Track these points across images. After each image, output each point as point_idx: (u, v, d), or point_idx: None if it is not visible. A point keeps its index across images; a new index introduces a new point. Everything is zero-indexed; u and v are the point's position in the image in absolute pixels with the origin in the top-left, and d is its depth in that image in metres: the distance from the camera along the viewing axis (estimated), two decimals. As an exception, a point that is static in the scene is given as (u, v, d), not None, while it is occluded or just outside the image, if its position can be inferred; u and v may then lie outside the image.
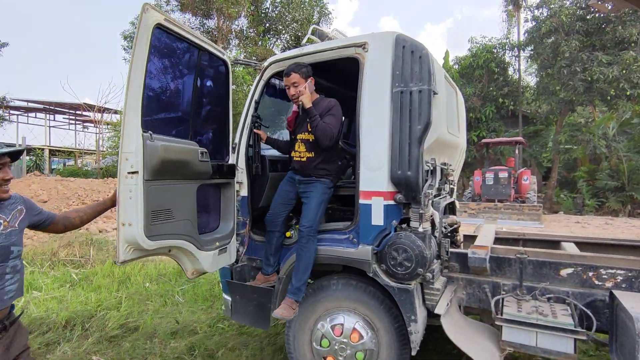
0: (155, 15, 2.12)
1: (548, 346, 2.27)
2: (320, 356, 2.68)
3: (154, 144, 2.14)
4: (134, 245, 2.10)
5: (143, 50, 2.09)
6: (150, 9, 2.07)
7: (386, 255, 2.43)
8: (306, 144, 2.70)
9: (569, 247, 3.09)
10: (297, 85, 2.61)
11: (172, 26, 2.26)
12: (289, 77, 2.61)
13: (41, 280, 5.43)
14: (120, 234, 2.06)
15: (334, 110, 2.63)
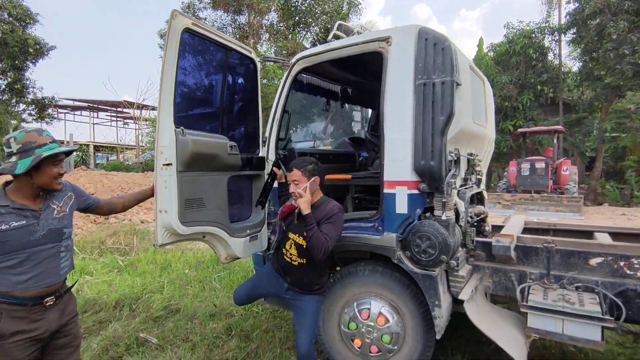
0: (183, 21, 2.28)
1: (575, 334, 2.28)
2: (348, 338, 2.80)
3: (185, 138, 2.32)
4: (170, 230, 2.30)
5: (173, 54, 2.26)
6: (178, 15, 2.24)
7: (410, 242, 2.51)
8: (299, 249, 2.44)
9: (602, 237, 3.03)
10: (297, 184, 2.38)
11: (200, 29, 2.43)
12: (291, 174, 2.42)
13: (92, 266, 5.89)
14: (158, 220, 2.27)
15: (335, 219, 2.36)
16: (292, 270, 2.50)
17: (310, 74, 3.56)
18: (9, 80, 21.38)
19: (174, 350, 3.17)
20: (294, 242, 2.45)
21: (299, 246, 2.42)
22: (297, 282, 2.51)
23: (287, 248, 2.49)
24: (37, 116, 23.86)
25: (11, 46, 20.29)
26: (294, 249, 2.45)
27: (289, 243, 2.48)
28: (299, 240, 2.42)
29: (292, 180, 2.40)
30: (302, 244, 2.39)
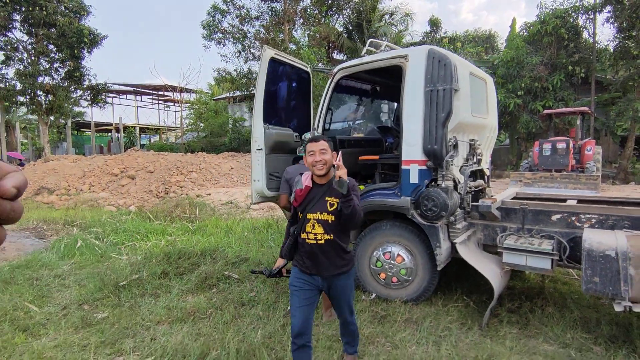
0: (270, 52, 3.40)
1: (533, 264, 3.29)
2: (376, 273, 3.94)
3: (270, 131, 3.48)
4: (260, 193, 3.50)
5: (263, 75, 3.40)
6: (267, 48, 3.36)
7: (420, 203, 3.57)
8: (324, 225, 2.29)
9: (570, 202, 3.96)
10: (325, 152, 2.27)
11: (279, 56, 3.54)
12: (318, 143, 2.28)
13: (169, 229, 7.34)
14: (253, 186, 3.47)
15: (357, 188, 2.39)
16: (320, 251, 2.31)
17: (348, 79, 4.59)
18: (68, 68, 23.46)
19: (252, 282, 4.44)
20: (317, 220, 2.29)
21: (324, 222, 2.29)
22: (328, 263, 2.33)
23: (309, 230, 2.31)
24: (92, 101, 26.09)
25: (69, 37, 22.22)
26: (319, 226, 2.29)
27: (309, 225, 2.31)
28: (323, 217, 2.29)
29: (320, 150, 2.26)
30: (328, 219, 2.28)
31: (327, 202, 2.31)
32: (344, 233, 2.40)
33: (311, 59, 16.54)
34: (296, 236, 2.40)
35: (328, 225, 2.31)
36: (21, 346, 3.06)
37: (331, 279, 2.38)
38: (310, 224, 2.33)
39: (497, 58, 17.97)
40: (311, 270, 2.37)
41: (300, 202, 2.38)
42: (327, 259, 2.34)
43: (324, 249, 2.32)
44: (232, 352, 2.79)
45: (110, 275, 4.57)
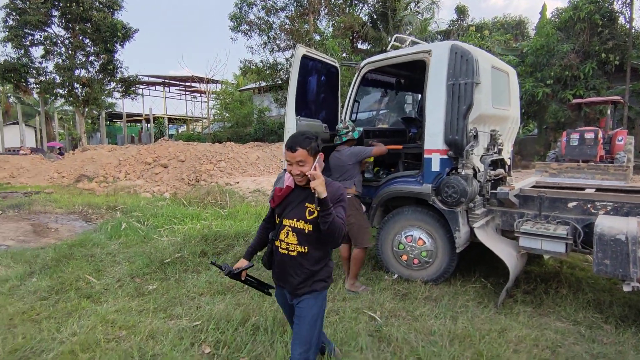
0: (302, 50, 3.69)
1: (548, 248, 3.50)
2: (398, 255, 4.23)
3: (301, 122, 3.80)
4: (292, 180, 3.82)
5: (295, 71, 3.70)
6: (300, 46, 3.65)
7: (440, 190, 3.81)
8: (300, 234, 2.01)
9: (589, 190, 4.09)
10: (302, 165, 1.94)
11: (310, 54, 3.83)
12: (294, 154, 1.94)
13: (202, 214, 7.83)
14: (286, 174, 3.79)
15: (344, 200, 2.01)
16: (289, 264, 2.04)
17: (374, 73, 4.82)
18: (103, 61, 24.49)
19: (281, 261, 4.81)
20: (292, 228, 2.01)
21: (300, 231, 2.00)
22: (295, 279, 2.04)
23: (282, 238, 2.04)
24: (124, 92, 27.15)
25: (104, 31, 23.16)
26: (293, 236, 2.01)
27: (284, 232, 2.04)
28: (300, 225, 1.99)
29: (297, 162, 1.94)
30: (304, 229, 1.98)
31: (307, 209, 1.96)
32: (322, 246, 2.03)
33: (335, 49, 16.69)
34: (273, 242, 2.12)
35: (304, 235, 2.00)
36: (87, 310, 3.54)
37: (298, 297, 2.07)
38: (285, 231, 2.03)
39: (526, 46, 17.56)
40: (279, 281, 2.14)
41: (277, 203, 2.09)
42: (295, 274, 2.03)
43: (294, 262, 2.02)
44: (270, 319, 3.16)
45: (156, 254, 5.05)
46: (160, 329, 3.14)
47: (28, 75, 23.08)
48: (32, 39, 22.68)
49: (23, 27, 21.80)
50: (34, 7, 21.43)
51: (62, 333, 3.08)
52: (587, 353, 2.81)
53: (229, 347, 2.84)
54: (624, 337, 3.00)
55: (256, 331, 3.04)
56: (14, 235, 6.58)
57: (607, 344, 2.93)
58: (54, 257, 4.94)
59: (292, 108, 3.72)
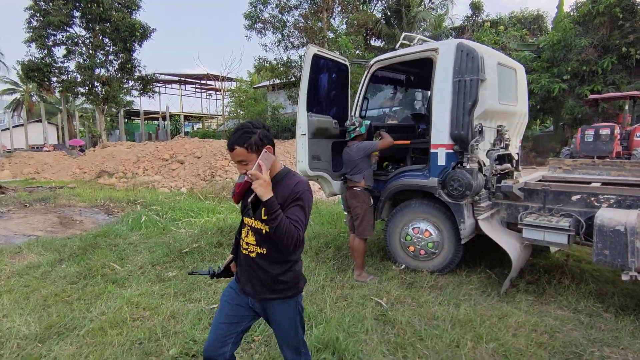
0: (313, 49, 3.87)
1: (551, 239, 3.61)
2: (405, 246, 4.38)
3: (312, 119, 3.98)
4: (303, 172, 4.02)
5: (307, 70, 3.88)
6: (311, 46, 3.83)
7: (446, 183, 3.95)
8: (257, 235, 1.84)
9: (595, 184, 4.16)
10: (246, 164, 1.73)
11: (321, 53, 4.01)
12: (233, 153, 1.75)
13: (218, 208, 8.11)
14: (297, 166, 4.00)
15: (303, 199, 1.77)
16: (250, 266, 1.89)
17: (383, 70, 4.96)
18: (122, 60, 25.11)
19: (293, 252, 5.02)
20: (251, 227, 1.86)
21: (257, 231, 1.83)
22: (257, 283, 1.87)
23: (244, 237, 1.90)
24: (142, 91, 27.79)
25: (122, 31, 23.74)
26: (251, 236, 1.86)
27: (244, 231, 1.90)
28: (257, 225, 1.82)
29: (237, 162, 1.75)
30: (261, 229, 1.81)
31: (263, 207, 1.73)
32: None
33: (348, 46, 16.79)
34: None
35: (261, 236, 1.82)
36: (113, 293, 3.81)
37: (264, 302, 1.89)
38: (245, 230, 1.90)
39: (543, 41, 17.32)
40: (240, 281, 1.96)
41: (237, 200, 1.91)
42: (257, 277, 1.87)
43: (254, 263, 1.86)
44: (281, 302, 3.37)
45: (174, 244, 5.32)
46: (181, 310, 3.38)
47: (51, 74, 23.84)
48: (55, 39, 23.41)
49: (46, 27, 22.53)
50: (57, 8, 22.14)
51: (91, 312, 3.36)
52: (584, 338, 2.93)
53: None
54: (622, 324, 3.11)
55: (269, 313, 3.25)
56: (43, 227, 6.97)
57: (604, 330, 3.04)
58: (80, 246, 5.27)
59: (304, 105, 3.91)
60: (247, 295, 1.92)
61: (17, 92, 40.40)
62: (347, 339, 2.81)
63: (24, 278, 4.23)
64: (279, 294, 1.87)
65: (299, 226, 1.69)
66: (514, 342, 2.85)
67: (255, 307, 1.93)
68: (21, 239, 6.01)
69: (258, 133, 1.73)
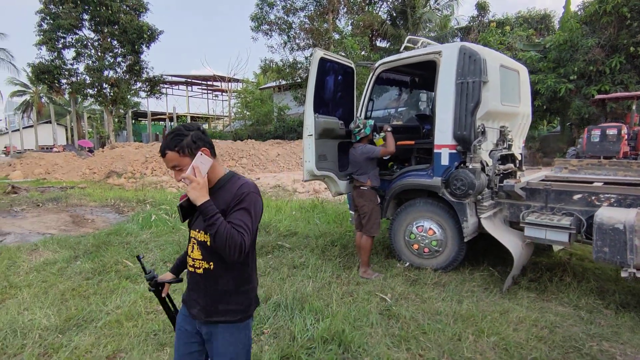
0: (319, 52, 4.00)
1: (552, 238, 3.69)
2: (409, 244, 4.48)
3: (319, 120, 4.10)
4: (310, 172, 4.14)
5: (314, 73, 4.00)
6: (317, 50, 3.95)
7: (450, 182, 4.04)
8: (203, 248, 1.66)
9: (597, 184, 4.23)
10: (180, 169, 1.59)
11: (327, 56, 4.13)
12: (165, 159, 1.60)
13: (226, 207, 8.26)
14: (304, 166, 4.11)
15: (248, 202, 1.59)
16: (197, 284, 1.70)
17: (388, 73, 5.07)
18: (130, 62, 25.44)
19: (302, 251, 5.14)
20: (197, 241, 1.68)
21: (202, 244, 1.66)
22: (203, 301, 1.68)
23: (190, 252, 1.72)
24: (149, 92, 28.12)
25: (130, 33, 24.07)
26: (197, 250, 1.68)
27: (190, 245, 1.72)
28: (201, 237, 1.65)
29: (172, 167, 1.61)
30: (205, 241, 1.63)
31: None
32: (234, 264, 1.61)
33: (354, 47, 16.91)
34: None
35: (207, 249, 1.63)
36: (127, 288, 3.96)
37: (209, 327, 1.68)
38: (191, 244, 1.71)
39: (549, 41, 17.29)
40: (186, 303, 1.77)
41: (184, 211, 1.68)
42: (203, 297, 1.67)
43: (200, 281, 1.67)
44: (290, 297, 3.49)
45: (184, 242, 5.46)
46: (192, 304, 3.51)
47: (61, 76, 24.24)
48: (64, 41, 23.80)
49: (56, 30, 22.92)
50: (66, 12, 22.51)
51: (107, 306, 3.50)
52: (584, 333, 3.01)
53: (253, 320, 3.17)
54: (622, 320, 3.19)
55: (277, 308, 3.37)
56: (56, 225, 7.16)
57: (604, 326, 3.12)
58: (94, 244, 5.43)
59: (311, 106, 4.03)
60: (195, 318, 1.70)
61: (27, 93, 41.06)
62: (352, 332, 2.93)
63: (41, 274, 4.40)
64: (226, 316, 1.65)
65: (243, 231, 1.50)
66: (514, 336, 2.94)
67: (202, 330, 1.71)
68: (36, 237, 6.20)
69: (191, 135, 1.59)
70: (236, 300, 1.67)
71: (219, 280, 1.65)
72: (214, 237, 1.49)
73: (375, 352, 2.74)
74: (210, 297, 1.66)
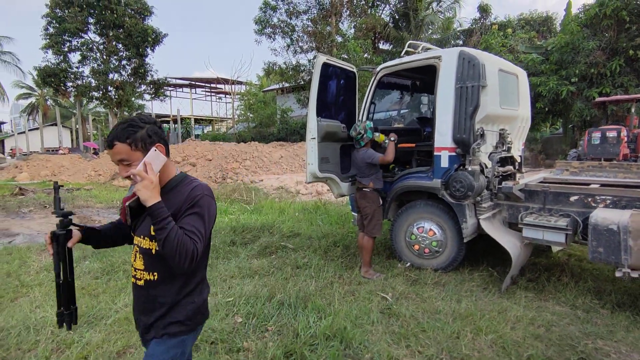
0: (322, 58, 4.11)
1: (549, 238, 3.77)
2: (410, 245, 4.57)
3: (321, 123, 4.21)
4: (313, 174, 4.25)
5: (317, 77, 4.11)
6: (320, 55, 4.06)
7: (449, 184, 4.13)
8: (146, 256, 1.51)
9: (594, 185, 4.31)
10: (128, 164, 1.43)
11: (330, 61, 4.24)
12: (112, 151, 1.43)
13: (229, 209, 8.38)
14: (307, 169, 4.22)
15: (201, 205, 1.46)
16: (139, 297, 1.57)
17: (389, 77, 5.17)
18: (134, 65, 25.68)
19: (304, 251, 5.23)
20: (139, 249, 1.52)
21: (146, 252, 1.51)
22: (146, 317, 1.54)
23: (132, 262, 1.57)
24: (154, 94, 28.35)
25: (135, 37, 24.30)
26: (139, 259, 1.53)
27: (133, 254, 1.56)
28: (145, 244, 1.50)
29: (118, 161, 1.44)
30: (151, 248, 1.48)
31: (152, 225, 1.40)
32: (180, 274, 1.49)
33: (357, 50, 17.01)
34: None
35: (151, 257, 1.50)
36: (135, 287, 4.07)
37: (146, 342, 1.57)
38: (134, 252, 1.56)
39: (551, 43, 17.35)
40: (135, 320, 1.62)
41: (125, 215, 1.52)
42: (145, 312, 1.54)
43: (143, 294, 1.54)
44: (293, 296, 3.59)
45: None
46: (199, 303, 3.62)
47: (66, 79, 24.50)
48: (70, 45, 24.08)
49: (62, 34, 23.19)
50: (72, 16, 22.79)
51: (116, 304, 3.62)
52: (579, 332, 3.09)
53: (258, 318, 3.28)
54: (618, 319, 3.26)
55: (281, 306, 3.47)
56: (63, 226, 7.29)
57: (600, 325, 3.20)
58: (101, 244, 5.55)
59: (314, 110, 4.14)
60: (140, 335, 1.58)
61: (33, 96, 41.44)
62: (354, 329, 3.02)
63: (51, 273, 4.51)
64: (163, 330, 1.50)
65: (195, 238, 1.38)
66: (511, 334, 3.02)
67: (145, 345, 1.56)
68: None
69: (146, 128, 1.44)
70: (176, 313, 1.51)
71: (160, 292, 1.50)
72: (163, 243, 1.34)
73: (375, 348, 2.83)
74: (155, 311, 1.51)
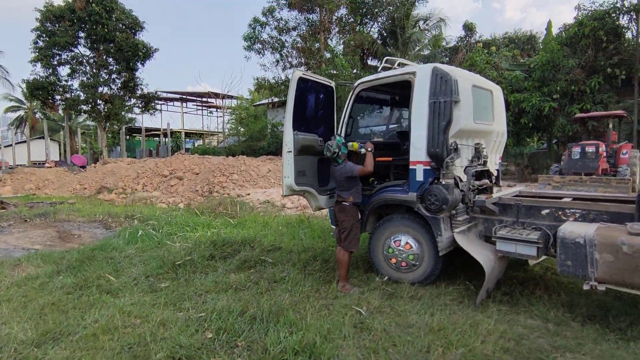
0: (298, 73, 4.17)
1: (521, 251, 3.80)
2: (387, 258, 4.57)
3: (298, 137, 4.25)
4: (289, 187, 4.26)
5: (292, 92, 4.17)
6: (296, 70, 4.13)
7: (424, 198, 4.17)
8: None
9: (566, 199, 4.39)
10: None
11: (306, 76, 4.32)
12: None
13: (213, 223, 8.31)
14: (284, 182, 4.24)
15: None
16: None
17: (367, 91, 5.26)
18: (124, 79, 25.69)
19: (283, 265, 5.20)
20: None
21: None
22: None
23: None
24: (144, 108, 28.30)
25: (126, 51, 24.38)
26: None
27: None
28: None
29: None
30: None
31: None
32: None
33: (344, 66, 17.28)
34: None
35: None
36: (107, 303, 4.00)
37: None
38: None
39: (534, 61, 17.82)
40: None
41: None
42: None
43: None
44: (266, 310, 3.55)
45: (168, 257, 5.51)
46: (170, 318, 3.57)
47: (55, 92, 24.41)
48: (60, 58, 24.08)
49: (52, 47, 23.19)
50: (63, 30, 22.84)
51: (85, 320, 3.54)
52: (549, 344, 3.10)
53: (229, 333, 3.23)
54: (587, 332, 3.28)
55: (253, 321, 3.43)
56: (42, 241, 7.17)
57: (569, 337, 3.22)
58: (77, 259, 5.46)
59: (290, 124, 4.18)
60: None
61: (21, 109, 41.06)
62: (324, 344, 3.00)
63: (22, 288, 4.42)
64: None
65: None
66: (482, 348, 3.02)
67: None
68: (20, 253, 6.21)
69: None
70: None
71: None
72: None
73: (345, 363, 2.81)
74: None
